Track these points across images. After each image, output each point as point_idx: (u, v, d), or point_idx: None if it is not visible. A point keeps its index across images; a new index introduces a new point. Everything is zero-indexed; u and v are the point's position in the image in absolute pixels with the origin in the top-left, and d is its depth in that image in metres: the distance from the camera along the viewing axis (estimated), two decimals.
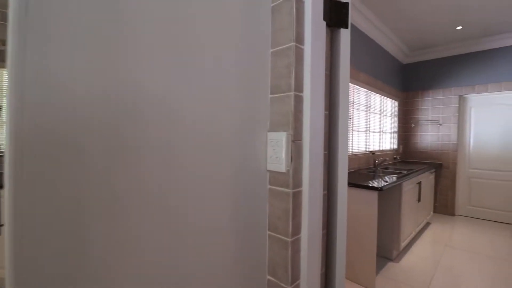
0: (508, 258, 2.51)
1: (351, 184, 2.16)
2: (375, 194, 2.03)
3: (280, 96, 0.75)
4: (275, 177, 0.76)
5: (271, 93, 0.78)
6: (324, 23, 0.82)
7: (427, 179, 3.37)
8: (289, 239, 0.72)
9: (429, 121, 4.14)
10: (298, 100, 0.74)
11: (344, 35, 0.89)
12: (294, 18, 0.72)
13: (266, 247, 0.78)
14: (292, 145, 0.72)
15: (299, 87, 0.74)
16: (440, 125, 4.02)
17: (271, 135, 0.76)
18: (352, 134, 3.02)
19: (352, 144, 3.01)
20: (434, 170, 3.67)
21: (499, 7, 2.72)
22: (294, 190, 0.73)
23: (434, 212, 4.05)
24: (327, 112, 0.88)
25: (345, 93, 0.89)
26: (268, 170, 0.78)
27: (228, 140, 0.69)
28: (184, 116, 0.60)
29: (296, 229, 0.74)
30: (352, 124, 3.01)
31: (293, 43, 0.72)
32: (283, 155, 0.72)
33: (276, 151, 0.74)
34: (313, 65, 0.76)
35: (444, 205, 3.96)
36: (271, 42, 0.78)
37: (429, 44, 3.85)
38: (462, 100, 3.90)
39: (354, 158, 3.01)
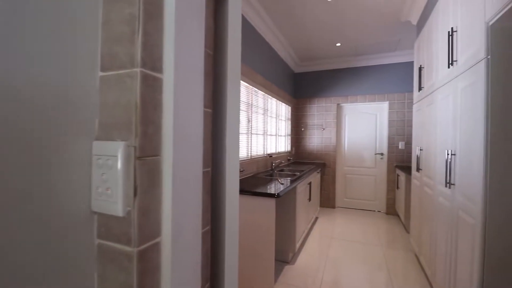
0: (374, 242, 2.97)
1: (248, 192, 2.00)
2: (273, 201, 1.94)
3: (117, 75, 0.41)
4: (108, 225, 0.41)
5: (102, 69, 0.43)
6: None
7: (315, 178, 3.68)
8: None
9: (315, 126, 4.61)
10: (152, 85, 0.42)
11: (234, 1, 0.63)
12: None
13: None
14: (138, 165, 0.39)
15: (152, 61, 0.42)
16: (324, 129, 4.54)
17: (99, 147, 0.41)
18: (251, 137, 2.93)
19: (251, 148, 2.92)
20: (320, 169, 4.09)
21: (367, 33, 3.23)
22: (142, 248, 0.40)
23: (320, 206, 4.53)
24: (210, 110, 0.59)
25: (235, 84, 0.64)
26: (94, 212, 0.42)
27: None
28: None
29: None
30: (251, 127, 2.92)
31: None
32: (119, 185, 0.38)
33: (106, 177, 0.40)
34: (182, 28, 0.45)
35: (327, 199, 4.49)
36: None
37: (315, 57, 4.27)
38: (339, 108, 4.53)
39: (253, 161, 2.93)
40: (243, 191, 2.03)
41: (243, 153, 2.75)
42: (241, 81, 2.66)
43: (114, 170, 0.39)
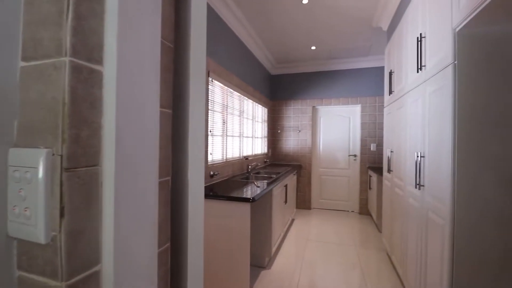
0: (349, 243, 3.01)
1: (223, 196, 1.93)
2: (247, 206, 1.88)
3: (41, 65, 0.33)
4: (30, 253, 0.33)
5: (24, 59, 0.34)
6: None
7: (292, 180, 3.68)
8: None
9: (291, 128, 4.64)
10: (88, 78, 0.34)
11: None
12: None
13: None
14: (66, 178, 0.31)
15: (88, 50, 0.34)
16: (300, 131, 4.58)
17: (16, 156, 0.33)
18: (227, 140, 2.85)
19: (226, 150, 2.85)
20: (296, 171, 4.10)
21: (340, 37, 3.30)
22: (73, 281, 0.32)
23: (296, 208, 4.55)
24: (169, 110, 0.52)
25: (199, 81, 0.57)
26: (13, 238, 0.34)
27: None
28: None
29: None
30: (226, 129, 2.85)
31: None
32: (40, 205, 0.30)
33: (24, 193, 0.31)
34: (129, 13, 0.38)
35: (303, 200, 4.52)
36: None
37: (291, 59, 4.30)
38: (314, 110, 4.59)
39: (228, 164, 2.85)
40: (217, 196, 1.95)
41: (218, 156, 2.67)
42: (216, 82, 2.58)
43: (33, 185, 0.30)
